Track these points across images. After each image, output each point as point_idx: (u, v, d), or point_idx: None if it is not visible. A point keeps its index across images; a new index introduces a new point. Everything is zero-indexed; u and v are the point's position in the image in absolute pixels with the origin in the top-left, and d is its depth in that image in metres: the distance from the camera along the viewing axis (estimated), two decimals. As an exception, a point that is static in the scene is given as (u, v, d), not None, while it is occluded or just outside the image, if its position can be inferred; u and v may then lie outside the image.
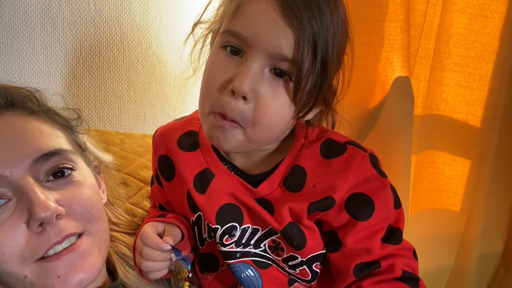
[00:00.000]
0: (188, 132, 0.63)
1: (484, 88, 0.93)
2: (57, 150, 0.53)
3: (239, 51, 0.51)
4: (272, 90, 0.50)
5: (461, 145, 0.96)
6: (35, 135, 0.53)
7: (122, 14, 1.02)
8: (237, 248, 0.59)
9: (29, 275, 0.49)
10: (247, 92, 0.49)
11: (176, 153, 0.62)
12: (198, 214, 0.61)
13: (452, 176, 0.99)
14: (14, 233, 0.48)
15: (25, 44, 0.94)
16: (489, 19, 0.89)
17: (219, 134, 0.52)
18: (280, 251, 0.58)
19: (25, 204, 0.49)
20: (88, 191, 0.56)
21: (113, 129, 1.07)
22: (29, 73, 0.96)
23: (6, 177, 0.49)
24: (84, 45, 1.00)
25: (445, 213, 0.99)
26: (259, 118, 0.51)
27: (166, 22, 1.07)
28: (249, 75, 0.49)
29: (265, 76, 0.50)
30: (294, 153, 0.58)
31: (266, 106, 0.50)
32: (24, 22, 0.93)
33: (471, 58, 0.91)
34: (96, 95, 1.05)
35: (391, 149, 0.85)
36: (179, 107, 1.14)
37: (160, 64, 1.09)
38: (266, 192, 0.58)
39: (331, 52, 0.50)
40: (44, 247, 0.49)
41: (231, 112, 0.50)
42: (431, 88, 0.94)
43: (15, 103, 0.56)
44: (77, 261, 0.51)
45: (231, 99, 0.50)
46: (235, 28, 0.50)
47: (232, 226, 0.58)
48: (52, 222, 0.49)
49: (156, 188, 0.69)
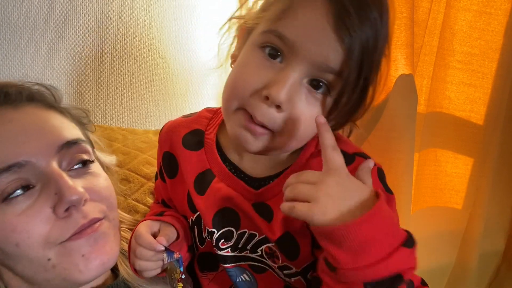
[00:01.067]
0: (194, 130, 0.62)
1: (488, 86, 0.93)
2: (78, 139, 0.55)
3: (277, 54, 0.49)
4: (307, 102, 0.49)
5: (464, 143, 0.96)
6: (57, 125, 0.55)
7: (124, 10, 1.02)
8: (233, 252, 0.58)
9: (53, 257, 0.50)
10: (284, 102, 0.47)
11: (180, 151, 0.61)
12: (198, 214, 0.61)
13: (455, 174, 0.99)
14: (40, 217, 0.49)
15: (28, 40, 0.94)
16: (493, 16, 0.89)
17: (247, 135, 0.51)
18: (275, 259, 0.58)
19: (52, 190, 0.50)
20: (105, 181, 0.58)
21: (115, 125, 1.07)
22: (32, 69, 0.96)
23: (32, 164, 0.50)
24: (87, 41, 1.00)
25: (447, 211, 0.99)
26: (292, 129, 0.49)
27: (168, 18, 1.07)
28: (288, 84, 0.47)
29: (303, 87, 0.48)
30: (301, 162, 0.56)
31: (299, 117, 0.49)
32: (27, 18, 0.93)
33: (475, 55, 0.91)
34: (99, 91, 1.05)
35: (394, 147, 0.85)
36: (182, 103, 1.14)
37: (162, 60, 1.09)
38: (268, 197, 0.56)
39: (374, 69, 0.49)
40: (71, 230, 0.50)
41: (261, 116, 0.48)
42: (434, 86, 0.93)
43: (34, 97, 0.57)
44: (99, 240, 0.52)
45: (263, 104, 0.48)
46: (283, 31, 0.47)
47: (228, 230, 0.58)
48: (79, 206, 0.51)
49: (160, 184, 0.69)
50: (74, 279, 0.51)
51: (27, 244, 0.49)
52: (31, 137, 0.52)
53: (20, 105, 0.55)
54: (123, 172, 0.83)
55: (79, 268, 0.51)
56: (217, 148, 0.60)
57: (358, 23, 0.45)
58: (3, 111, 0.53)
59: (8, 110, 0.53)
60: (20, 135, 0.51)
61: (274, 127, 0.49)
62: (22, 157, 0.50)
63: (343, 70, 0.47)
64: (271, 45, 0.49)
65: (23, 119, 0.53)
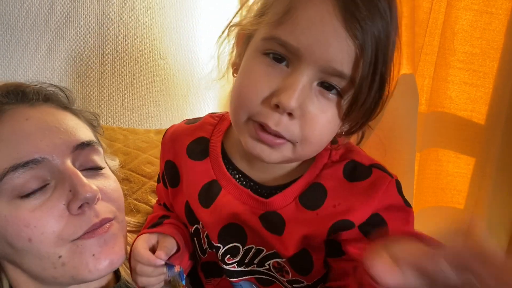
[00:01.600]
0: (198, 138, 0.59)
1: (489, 85, 0.92)
2: (91, 141, 0.57)
3: (283, 59, 0.46)
4: (320, 105, 0.46)
5: (466, 143, 0.96)
6: (73, 126, 0.56)
7: (125, 11, 1.02)
8: (239, 267, 0.57)
9: (64, 254, 0.50)
10: (295, 109, 0.44)
11: (184, 161, 0.59)
12: (196, 227, 0.59)
13: (456, 174, 0.98)
14: (53, 213, 0.50)
15: (29, 41, 0.95)
16: (495, 16, 0.89)
17: (263, 148, 0.48)
18: (284, 273, 0.56)
19: (66, 187, 0.51)
20: (115, 183, 0.59)
21: (116, 125, 1.08)
22: (33, 70, 0.96)
23: (49, 161, 0.51)
24: (88, 42, 1.00)
25: (449, 211, 0.99)
26: (309, 135, 0.46)
27: (169, 19, 1.07)
28: (298, 90, 0.44)
29: (313, 90, 0.45)
30: (315, 172, 0.53)
31: (314, 122, 0.46)
32: (28, 19, 0.93)
33: (476, 55, 0.91)
34: (100, 91, 1.05)
35: (395, 147, 0.85)
36: (182, 104, 1.14)
37: (163, 61, 1.09)
38: (279, 206, 0.53)
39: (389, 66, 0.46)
40: (84, 227, 0.51)
41: (275, 126, 0.45)
42: (435, 86, 0.93)
43: (50, 97, 0.58)
44: (109, 241, 0.53)
45: (275, 113, 0.45)
46: (286, 38, 0.44)
47: (234, 246, 0.56)
48: (92, 204, 0.51)
49: (162, 188, 0.67)
50: (83, 278, 0.51)
51: (40, 239, 0.49)
52: (47, 135, 0.52)
53: (36, 104, 0.56)
54: (124, 172, 0.83)
55: (88, 268, 0.51)
56: (223, 156, 0.57)
57: (368, 15, 0.42)
58: (20, 109, 0.54)
59: (25, 108, 0.54)
60: (37, 133, 0.52)
61: (290, 136, 0.46)
62: (39, 154, 0.51)
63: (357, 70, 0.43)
64: (274, 52, 0.46)
65: (39, 117, 0.54)
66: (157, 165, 0.88)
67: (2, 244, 0.51)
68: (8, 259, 0.53)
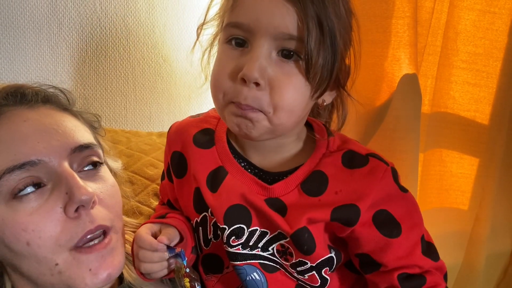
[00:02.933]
0: (204, 129, 0.63)
1: (493, 85, 0.92)
2: (90, 143, 0.56)
3: (244, 42, 0.51)
4: (283, 72, 0.50)
5: (469, 143, 0.96)
6: (71, 128, 0.56)
7: (127, 13, 1.02)
8: (243, 250, 0.58)
9: (61, 263, 0.50)
10: (258, 78, 0.49)
11: (191, 150, 0.61)
12: (204, 215, 0.60)
13: (460, 175, 0.98)
14: (51, 217, 0.50)
15: (32, 44, 0.95)
16: (497, 15, 0.89)
17: (244, 122, 0.52)
18: (288, 256, 0.57)
19: (63, 189, 0.50)
20: (113, 188, 0.58)
21: (119, 127, 1.08)
22: (36, 73, 0.96)
23: (46, 163, 0.51)
24: (90, 44, 1.00)
25: (453, 212, 0.99)
26: (278, 102, 0.50)
27: (171, 20, 1.07)
28: (257, 60, 0.49)
29: (273, 59, 0.50)
30: (314, 160, 0.57)
31: (281, 88, 0.50)
32: (31, 22, 0.94)
33: (479, 55, 0.91)
34: (102, 94, 1.05)
35: (398, 147, 0.85)
36: (185, 105, 1.14)
37: (165, 63, 1.09)
38: (282, 192, 0.56)
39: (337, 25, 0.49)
40: (80, 233, 0.50)
41: (245, 100, 0.50)
42: (438, 86, 0.93)
43: (50, 99, 0.58)
44: (107, 257, 0.52)
45: (243, 87, 0.50)
46: (236, 19, 0.50)
47: (239, 227, 0.57)
48: (88, 207, 0.51)
49: (166, 184, 0.68)
50: None
51: (37, 243, 0.49)
52: (45, 137, 0.52)
53: (35, 106, 0.56)
54: (126, 174, 0.83)
55: (85, 281, 0.51)
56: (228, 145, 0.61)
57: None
58: (19, 111, 0.54)
59: (23, 110, 0.54)
60: (35, 135, 0.52)
61: (260, 106, 0.50)
62: (36, 156, 0.50)
63: (302, 33, 0.48)
64: (234, 36, 0.51)
65: (38, 119, 0.54)
66: (160, 167, 0.88)
67: (1, 247, 0.51)
68: (7, 262, 0.53)
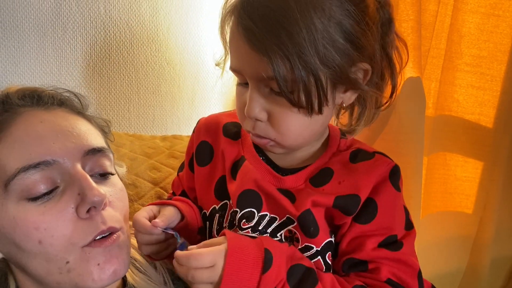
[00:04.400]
0: (234, 122, 0.68)
1: (497, 88, 0.92)
2: (103, 147, 0.58)
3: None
4: (278, 105, 0.55)
5: (473, 147, 0.95)
6: (85, 131, 0.57)
7: (131, 16, 1.03)
8: (253, 233, 0.60)
9: (72, 260, 0.51)
10: (257, 115, 0.56)
11: (220, 139, 0.67)
12: (224, 202, 0.63)
13: (465, 178, 0.98)
14: (63, 216, 0.50)
15: (36, 48, 0.95)
16: (502, 18, 0.88)
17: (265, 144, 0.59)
18: (295, 242, 0.59)
19: (75, 190, 0.51)
20: (122, 192, 0.59)
21: (122, 130, 1.08)
22: (40, 76, 0.97)
23: (60, 164, 0.52)
24: (94, 47, 1.01)
25: (458, 216, 0.98)
26: (279, 129, 0.56)
27: (175, 24, 1.08)
28: (253, 100, 0.55)
29: (267, 95, 0.55)
30: (324, 160, 0.62)
31: (280, 119, 0.56)
32: (35, 25, 0.94)
33: (483, 58, 0.90)
34: (106, 97, 1.05)
35: (402, 151, 0.84)
36: (188, 109, 1.14)
37: (169, 66, 1.10)
38: (292, 185, 0.61)
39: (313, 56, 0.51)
40: (93, 233, 0.51)
41: (253, 130, 0.58)
42: (442, 89, 0.93)
43: (64, 102, 0.60)
44: (114, 252, 0.53)
45: (250, 121, 0.57)
46: (231, 65, 0.58)
47: (250, 211, 0.60)
48: (99, 208, 0.52)
49: (185, 174, 0.71)
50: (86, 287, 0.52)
51: (50, 242, 0.50)
52: (60, 138, 0.53)
53: (51, 108, 0.57)
54: (130, 177, 0.83)
55: (92, 277, 0.51)
56: None
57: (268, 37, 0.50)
58: (35, 112, 0.55)
59: (40, 111, 0.56)
60: (50, 135, 0.53)
61: (267, 135, 0.57)
62: (51, 156, 0.51)
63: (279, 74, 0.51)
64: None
65: (53, 121, 0.55)
66: (163, 171, 0.88)
67: (8, 245, 0.51)
68: (13, 261, 0.54)
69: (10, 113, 0.54)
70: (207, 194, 0.65)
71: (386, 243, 0.58)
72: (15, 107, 0.55)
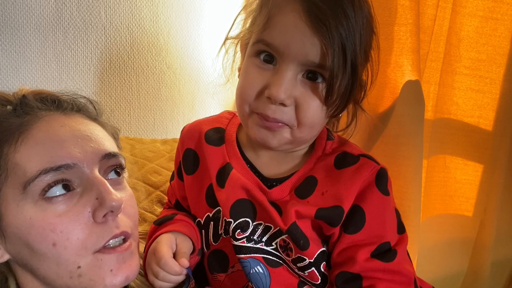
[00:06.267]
0: (216, 128, 0.66)
1: (496, 91, 0.92)
2: (117, 152, 0.59)
3: (271, 58, 0.54)
4: (308, 92, 0.54)
5: (473, 149, 0.95)
6: (102, 136, 0.58)
7: (132, 21, 1.03)
8: (248, 243, 0.60)
9: (83, 265, 0.51)
10: (284, 99, 0.53)
11: (203, 147, 0.65)
12: (217, 209, 0.62)
13: (464, 181, 0.98)
14: (79, 220, 0.51)
15: (37, 52, 0.96)
16: (500, 21, 0.89)
17: (267, 133, 0.56)
18: (289, 251, 0.59)
19: (93, 194, 0.52)
20: (132, 198, 0.60)
21: (123, 134, 1.08)
22: (41, 80, 0.97)
23: (79, 168, 0.53)
24: (95, 52, 1.01)
25: (458, 218, 0.98)
26: (302, 118, 0.54)
27: (175, 28, 1.08)
28: (284, 83, 0.52)
29: (298, 81, 0.54)
30: (309, 166, 0.60)
31: (305, 107, 0.54)
32: (36, 30, 0.95)
33: (482, 61, 0.91)
34: (107, 101, 1.06)
35: (402, 154, 0.85)
36: (188, 113, 1.15)
37: (169, 70, 1.10)
38: (277, 197, 0.59)
39: (359, 53, 0.53)
40: (106, 237, 0.52)
41: (273, 114, 0.54)
42: (441, 92, 0.93)
43: (82, 108, 0.61)
44: (127, 259, 0.54)
45: (270, 104, 0.54)
46: (268, 39, 0.54)
47: (245, 221, 0.59)
48: (116, 213, 0.53)
49: (176, 183, 0.70)
50: None
51: (64, 245, 0.50)
52: (80, 143, 0.54)
53: (70, 113, 0.58)
54: (130, 181, 0.84)
55: (104, 283, 0.52)
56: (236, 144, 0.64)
57: (331, 15, 0.50)
58: (56, 116, 0.56)
59: (60, 116, 0.57)
60: (71, 140, 0.54)
61: (287, 120, 0.54)
62: (71, 160, 0.52)
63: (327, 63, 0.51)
64: (263, 51, 0.55)
65: (73, 125, 0.56)
66: (164, 174, 0.88)
67: (19, 246, 0.51)
68: (21, 262, 0.53)
69: (31, 116, 0.54)
70: (199, 202, 0.64)
71: (378, 253, 0.56)
72: (36, 110, 0.56)
